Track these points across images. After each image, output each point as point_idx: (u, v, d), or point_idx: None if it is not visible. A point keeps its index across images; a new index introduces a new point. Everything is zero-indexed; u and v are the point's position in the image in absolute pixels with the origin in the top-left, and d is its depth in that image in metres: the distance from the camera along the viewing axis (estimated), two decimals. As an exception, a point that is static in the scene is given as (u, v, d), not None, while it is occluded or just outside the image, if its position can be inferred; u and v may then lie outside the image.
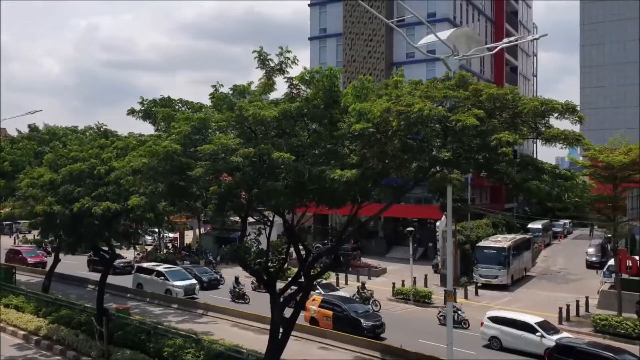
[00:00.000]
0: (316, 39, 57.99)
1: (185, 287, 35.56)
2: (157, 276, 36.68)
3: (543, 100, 15.36)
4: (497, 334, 25.58)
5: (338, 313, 27.36)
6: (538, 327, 24.65)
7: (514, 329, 25.13)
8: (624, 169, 28.88)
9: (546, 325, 25.09)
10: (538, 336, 24.25)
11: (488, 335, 25.86)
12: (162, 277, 36.35)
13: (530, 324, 24.89)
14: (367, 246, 50.87)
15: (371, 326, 26.67)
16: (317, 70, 17.31)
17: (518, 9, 70.36)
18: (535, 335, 24.34)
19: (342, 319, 27.03)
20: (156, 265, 38.75)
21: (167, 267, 38.19)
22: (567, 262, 48.24)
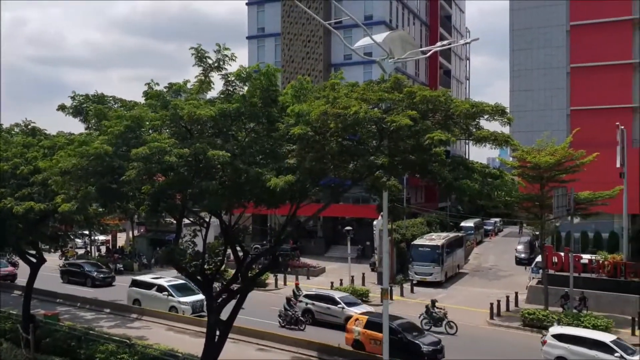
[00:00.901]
0: (254, 38, 57.62)
1: (193, 304, 30.70)
2: (159, 291, 32.02)
3: (474, 103, 15.91)
4: (565, 354, 22.71)
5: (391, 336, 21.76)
6: (615, 346, 21.99)
7: (585, 349, 22.34)
8: (550, 169, 30.31)
9: (622, 344, 22.52)
10: (617, 357, 21.55)
11: (553, 355, 23.03)
12: (166, 293, 31.67)
13: (605, 343, 22.13)
14: (306, 246, 51.02)
15: (432, 351, 22.98)
16: (254, 68, 17.19)
17: (452, 14, 72.50)
18: (614, 356, 21.61)
19: (396, 342, 22.11)
20: (156, 278, 34.12)
21: (169, 280, 33.28)
22: (497, 259, 50.02)
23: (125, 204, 18.40)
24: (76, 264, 43.37)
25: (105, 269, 42.92)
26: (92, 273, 41.14)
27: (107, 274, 41.74)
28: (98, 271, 41.63)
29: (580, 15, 45.76)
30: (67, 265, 43.53)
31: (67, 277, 42.10)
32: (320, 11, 50.84)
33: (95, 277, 40.76)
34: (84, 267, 42.18)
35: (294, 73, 51.48)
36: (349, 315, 27.14)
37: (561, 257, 32.76)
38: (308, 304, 30.11)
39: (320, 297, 30.25)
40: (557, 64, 47.55)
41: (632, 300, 30.12)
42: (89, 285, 40.10)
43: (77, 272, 41.65)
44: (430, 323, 28.14)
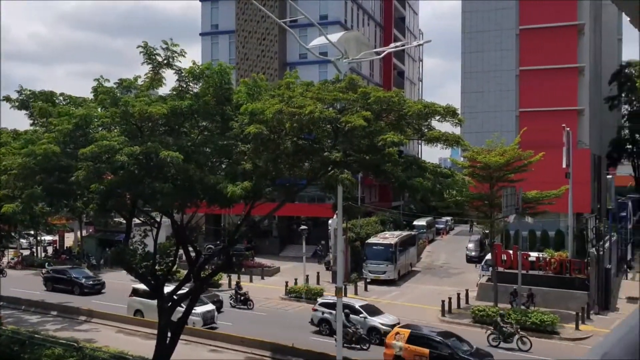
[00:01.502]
0: (208, 35, 56.84)
1: (203, 315, 28.04)
2: None
3: (426, 104, 16.16)
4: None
5: (439, 352, 20.86)
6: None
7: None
8: (499, 169, 31.09)
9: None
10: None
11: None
12: None
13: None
14: (260, 246, 50.69)
15: None
16: (207, 66, 16.95)
17: (405, 15, 73.44)
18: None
19: (446, 359, 20.79)
20: None
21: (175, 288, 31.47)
22: (449, 257, 51.00)
23: (73, 203, 17.85)
24: (62, 270, 39.59)
25: (93, 275, 39.72)
26: (80, 280, 37.58)
27: (96, 280, 38.37)
28: (87, 277, 38.31)
29: (529, 19, 47.13)
30: (52, 271, 39.84)
31: (51, 285, 38.37)
32: (276, 9, 50.60)
33: (84, 285, 37.25)
34: (71, 273, 38.59)
35: (248, 71, 51.02)
36: (373, 326, 25.85)
37: (510, 255, 33.62)
38: (325, 313, 27.36)
39: None
40: (507, 67, 48.86)
41: (577, 296, 31.21)
42: (77, 293, 36.80)
43: (63, 279, 38.19)
44: (500, 339, 25.40)
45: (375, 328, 25.99)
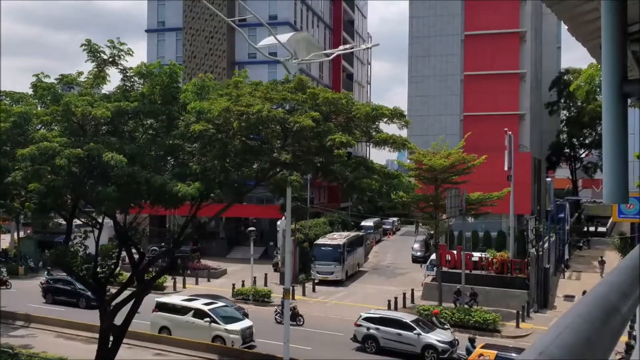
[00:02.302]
0: (154, 32, 55.62)
1: (242, 332, 25.23)
2: (198, 317, 25.84)
3: (374, 106, 16.35)
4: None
5: None
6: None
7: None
8: (444, 171, 31.79)
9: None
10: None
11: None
12: (208, 319, 25.48)
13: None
14: (207, 247, 49.94)
15: None
16: (155, 65, 16.59)
17: (354, 19, 74.10)
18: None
19: None
20: (189, 300, 27.86)
21: (207, 302, 27.21)
22: (395, 257, 51.72)
23: (9, 203, 17.08)
24: (64, 279, 34.32)
25: None
26: (85, 291, 32.39)
27: None
28: None
29: (474, 26, 48.43)
30: (52, 281, 35.29)
31: (51, 296, 34.35)
32: (224, 8, 50.02)
33: (90, 297, 31.88)
34: (76, 283, 33.20)
35: (196, 69, 50.25)
36: (428, 344, 23.84)
37: (454, 255, 34.37)
38: (370, 329, 25.23)
39: (386, 321, 25.30)
40: (452, 72, 50.03)
41: (517, 295, 32.23)
42: (83, 305, 32.52)
43: (66, 290, 33.92)
44: None
45: (431, 346, 23.88)
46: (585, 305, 1.26)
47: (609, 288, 1.47)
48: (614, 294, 1.42)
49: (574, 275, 41.84)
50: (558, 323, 1.10)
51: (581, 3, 4.41)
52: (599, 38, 5.31)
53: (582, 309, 1.21)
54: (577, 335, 1.04)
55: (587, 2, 4.38)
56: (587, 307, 1.24)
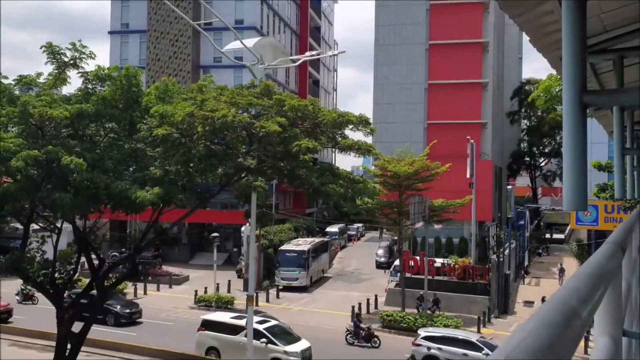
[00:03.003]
0: (117, 34, 54.73)
1: (302, 354, 23.50)
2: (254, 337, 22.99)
3: (340, 113, 16.44)
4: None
5: None
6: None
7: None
8: (408, 178, 32.15)
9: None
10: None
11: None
12: (264, 340, 23.24)
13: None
14: (169, 253, 49.20)
15: None
16: (113, 69, 16.31)
17: (321, 25, 74.47)
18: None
19: None
20: (239, 318, 25.07)
21: (260, 320, 24.67)
22: (359, 262, 51.90)
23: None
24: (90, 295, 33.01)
25: (128, 301, 32.98)
26: (114, 307, 30.43)
27: (133, 308, 31.46)
28: (123, 305, 31.39)
29: (438, 35, 49.21)
30: (74, 295, 34.14)
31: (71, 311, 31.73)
32: (190, 11, 49.60)
33: (120, 313, 30.40)
34: None
35: (160, 72, 49.61)
36: None
37: (417, 261, 34.74)
38: (431, 348, 23.74)
39: (449, 340, 23.80)
40: (417, 80, 50.67)
41: (479, 301, 32.75)
42: (111, 323, 29.93)
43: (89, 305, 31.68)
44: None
45: None
46: (546, 310, 1.29)
47: (569, 293, 1.50)
48: (574, 299, 1.45)
49: (533, 281, 42.76)
50: (522, 328, 1.12)
51: (543, 15, 4.52)
52: (559, 49, 5.46)
53: (544, 314, 1.24)
54: (540, 340, 1.07)
55: (548, 15, 4.50)
56: (549, 312, 1.27)
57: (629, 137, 6.66)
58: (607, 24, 4.82)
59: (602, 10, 4.54)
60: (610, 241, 2.50)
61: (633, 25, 4.60)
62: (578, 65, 2.83)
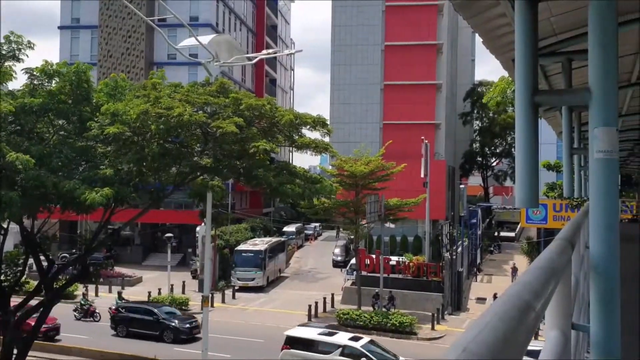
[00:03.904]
0: (67, 29, 53.14)
1: None
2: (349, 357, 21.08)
3: (297, 114, 16.45)
4: None
5: None
6: None
7: None
8: (364, 178, 32.42)
9: None
10: None
11: None
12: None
13: None
14: (122, 254, 48.11)
15: None
16: (61, 65, 15.82)
17: (278, 24, 74.25)
18: None
19: None
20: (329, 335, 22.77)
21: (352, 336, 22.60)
22: (316, 262, 52.00)
23: None
24: (142, 308, 29.00)
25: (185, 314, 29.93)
26: (171, 321, 27.71)
27: (192, 322, 28.28)
28: (181, 319, 28.30)
29: (393, 36, 49.82)
30: (124, 309, 29.08)
31: (124, 328, 28.29)
32: (143, 7, 48.59)
33: (179, 328, 27.57)
34: (156, 312, 28.17)
35: (112, 69, 48.41)
36: None
37: (373, 259, 35.06)
38: None
39: None
40: (373, 80, 51.16)
41: (433, 298, 33.31)
42: (170, 340, 27.26)
43: (146, 320, 28.01)
44: None
45: None
46: (501, 304, 1.31)
47: (522, 287, 1.53)
48: (528, 293, 1.48)
49: (485, 278, 43.78)
50: (478, 322, 1.13)
51: (495, 17, 4.63)
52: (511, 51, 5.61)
53: (499, 308, 1.26)
54: (495, 333, 1.08)
55: (501, 17, 4.60)
56: (504, 306, 1.29)
57: (576, 138, 6.89)
58: (556, 27, 4.97)
59: (552, 14, 4.68)
60: (560, 237, 2.57)
61: (581, 29, 4.76)
62: (530, 66, 2.91)
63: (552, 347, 2.20)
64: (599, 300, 2.63)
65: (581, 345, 3.18)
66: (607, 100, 2.64)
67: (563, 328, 2.35)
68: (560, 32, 5.12)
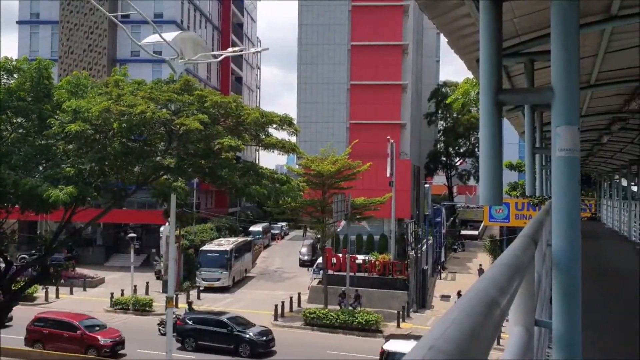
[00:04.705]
0: (26, 24, 51.66)
1: None
2: None
3: (264, 113, 16.35)
4: None
5: None
6: None
7: None
8: (331, 177, 32.49)
9: None
10: None
11: None
12: None
13: None
14: (83, 255, 47.08)
15: None
16: (22, 61, 15.38)
17: (244, 22, 73.73)
18: None
19: None
20: None
21: None
22: (283, 261, 51.88)
23: None
24: (214, 319, 26.91)
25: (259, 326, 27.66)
26: (246, 334, 25.84)
27: (268, 334, 26.55)
28: (257, 333, 26.26)
29: (359, 36, 50.04)
30: (190, 320, 27.09)
31: (192, 341, 26.14)
32: (106, 3, 47.60)
33: (257, 341, 25.67)
34: (230, 324, 26.20)
35: (73, 66, 47.32)
36: None
37: (339, 258, 35.18)
38: None
39: None
40: (339, 80, 51.28)
41: (398, 296, 33.61)
42: (246, 354, 25.47)
43: (217, 332, 25.95)
44: None
45: None
46: (468, 300, 1.31)
47: (488, 283, 1.53)
48: (493, 289, 1.49)
49: (449, 276, 44.41)
50: (444, 318, 1.13)
51: (460, 17, 4.67)
52: (475, 52, 5.68)
53: (465, 304, 1.26)
54: (462, 329, 1.08)
55: (465, 17, 4.65)
56: (470, 302, 1.29)
57: (538, 137, 7.04)
58: (519, 28, 5.06)
59: (515, 15, 4.76)
60: (524, 234, 2.60)
61: (543, 30, 4.85)
62: (494, 64, 2.94)
63: (516, 343, 2.22)
64: (561, 297, 2.68)
65: (543, 341, 3.23)
66: (569, 100, 2.68)
67: (527, 324, 2.38)
68: (523, 33, 5.21)
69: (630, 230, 20.67)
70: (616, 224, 24.25)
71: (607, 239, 21.99)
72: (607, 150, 17.72)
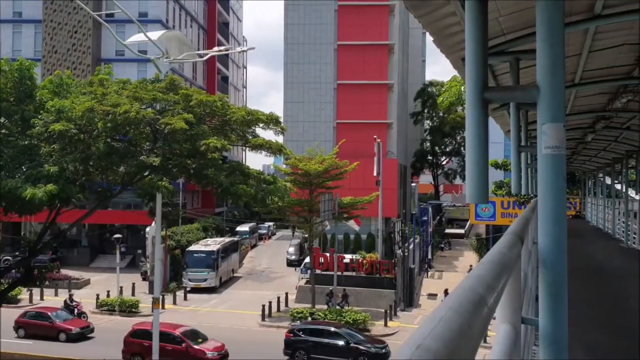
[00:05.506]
0: (9, 23, 51.02)
1: None
2: None
3: (250, 111, 16.29)
4: None
5: None
6: None
7: None
8: (318, 176, 32.49)
9: None
10: None
11: None
12: None
13: None
14: (68, 256, 46.62)
15: None
16: (4, 62, 15.18)
17: (229, 21, 73.45)
18: None
19: None
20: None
21: None
22: (270, 261, 51.78)
23: None
24: (327, 330, 25.40)
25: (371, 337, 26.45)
26: (365, 345, 24.47)
27: (385, 346, 24.85)
28: (374, 345, 24.73)
29: (346, 36, 50.10)
30: (302, 331, 25.60)
31: (304, 355, 24.74)
32: (90, 2, 47.19)
33: (375, 353, 24.28)
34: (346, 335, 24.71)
35: (57, 65, 46.83)
36: None
37: (327, 258, 35.18)
38: None
39: None
40: (326, 79, 51.31)
41: (385, 295, 33.69)
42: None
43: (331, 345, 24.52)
44: None
45: None
46: (455, 297, 1.30)
47: (476, 281, 1.53)
48: (481, 287, 1.48)
49: (436, 274, 44.61)
50: (432, 316, 1.11)
51: (446, 16, 4.68)
52: (461, 50, 5.69)
53: (453, 302, 1.25)
54: (450, 327, 1.08)
55: (451, 16, 4.65)
56: (458, 300, 1.28)
57: (524, 136, 7.08)
58: (505, 27, 5.08)
59: (500, 14, 4.77)
60: (511, 232, 2.61)
61: (528, 29, 4.88)
62: (480, 62, 2.94)
63: (503, 340, 2.22)
64: (547, 294, 2.68)
65: (530, 338, 3.24)
66: (554, 97, 2.69)
67: (514, 322, 2.38)
68: (509, 32, 5.23)
69: (614, 228, 20.91)
70: (600, 221, 24.52)
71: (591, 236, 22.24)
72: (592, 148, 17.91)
